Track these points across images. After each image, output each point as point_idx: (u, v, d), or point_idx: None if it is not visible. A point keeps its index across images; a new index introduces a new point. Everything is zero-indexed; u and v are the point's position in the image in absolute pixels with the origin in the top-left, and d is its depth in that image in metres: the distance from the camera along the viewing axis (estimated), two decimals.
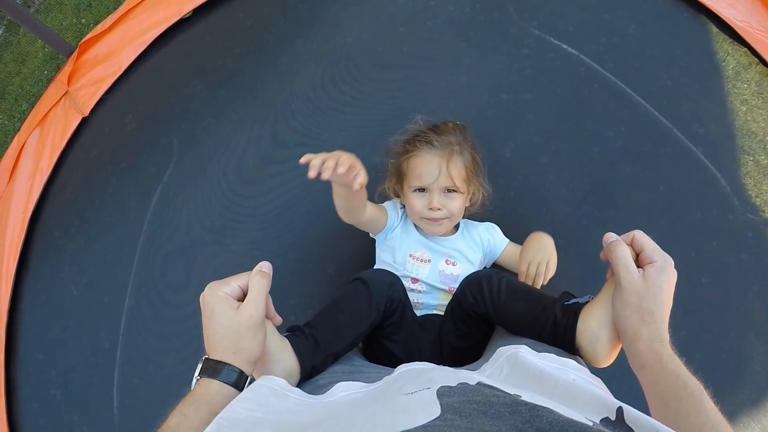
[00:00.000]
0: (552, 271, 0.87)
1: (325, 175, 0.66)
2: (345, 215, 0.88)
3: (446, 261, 0.92)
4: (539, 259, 0.87)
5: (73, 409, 1.22)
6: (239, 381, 0.52)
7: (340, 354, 0.73)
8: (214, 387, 0.51)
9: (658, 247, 0.58)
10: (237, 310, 0.54)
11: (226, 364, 0.52)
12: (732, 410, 1.13)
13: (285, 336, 0.68)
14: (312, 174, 0.67)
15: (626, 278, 0.56)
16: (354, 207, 0.85)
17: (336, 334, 0.72)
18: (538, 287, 0.85)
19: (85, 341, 1.25)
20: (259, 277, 0.56)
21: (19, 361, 1.29)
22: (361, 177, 0.70)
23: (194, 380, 0.53)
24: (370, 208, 0.90)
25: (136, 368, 1.21)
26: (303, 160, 0.68)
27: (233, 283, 0.56)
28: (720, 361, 1.15)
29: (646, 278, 0.56)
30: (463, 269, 0.92)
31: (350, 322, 0.74)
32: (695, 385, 0.49)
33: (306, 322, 0.74)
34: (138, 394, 1.20)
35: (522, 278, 0.87)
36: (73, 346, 1.26)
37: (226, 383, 0.51)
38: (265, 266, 0.58)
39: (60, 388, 1.25)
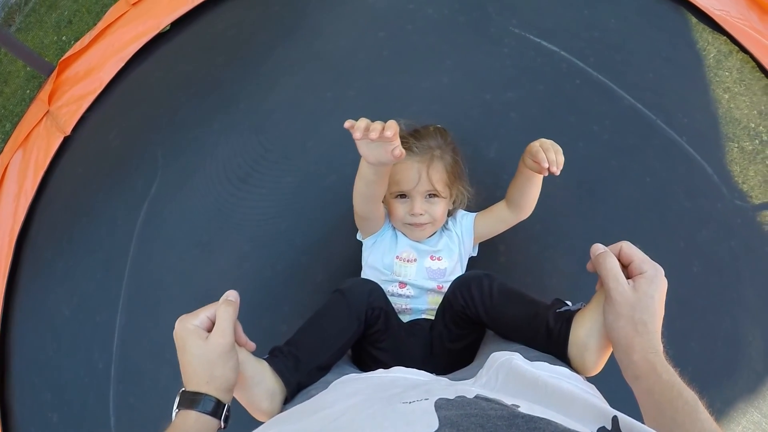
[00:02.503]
0: (562, 155, 0.80)
1: (373, 136, 0.64)
2: (363, 205, 0.86)
3: (431, 257, 0.93)
4: (549, 142, 0.81)
5: (71, 430, 1.21)
6: (216, 410, 0.53)
7: (324, 366, 0.73)
8: (192, 417, 0.52)
9: (647, 257, 0.58)
10: (206, 340, 0.55)
11: (203, 394, 0.53)
12: (731, 397, 1.13)
13: (264, 358, 0.70)
14: (358, 135, 0.65)
15: (617, 290, 0.56)
16: (376, 195, 0.83)
17: (317, 347, 0.72)
18: (555, 163, 0.78)
19: (78, 361, 1.24)
20: (225, 306, 0.58)
21: (14, 385, 1.28)
22: (401, 147, 0.69)
23: (174, 413, 0.54)
24: (382, 204, 0.90)
25: (131, 386, 1.20)
26: (347, 124, 0.66)
27: (201, 315, 0.58)
28: (716, 349, 1.15)
29: (637, 289, 0.55)
30: (448, 262, 0.93)
31: (330, 334, 0.74)
32: (690, 395, 0.49)
33: (287, 340, 0.74)
34: (134, 411, 1.18)
35: (538, 155, 0.79)
36: (66, 366, 1.25)
37: (203, 413, 0.52)
38: (231, 295, 0.60)
39: (56, 410, 1.24)
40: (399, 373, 0.62)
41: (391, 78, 1.20)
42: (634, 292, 0.55)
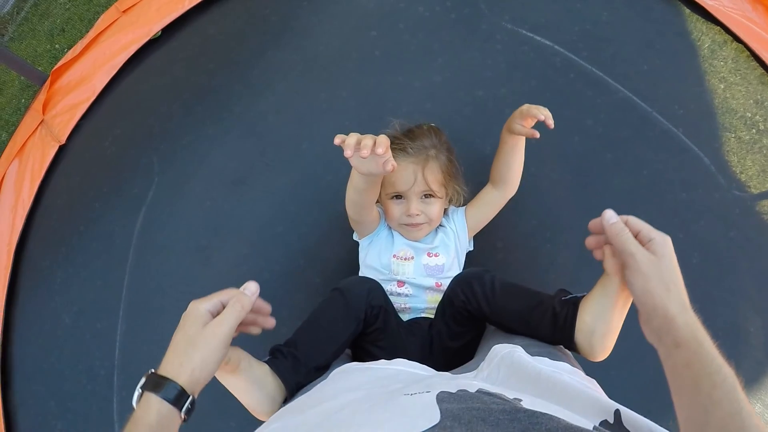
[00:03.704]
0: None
1: (365, 153, 0.63)
2: (355, 210, 0.86)
3: (428, 254, 0.92)
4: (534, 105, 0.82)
5: None
6: (179, 399, 0.50)
7: (323, 366, 0.73)
8: (154, 407, 0.49)
9: (653, 228, 0.59)
10: (204, 325, 0.53)
11: (169, 379, 0.50)
12: None
13: (265, 360, 0.70)
14: (348, 153, 0.63)
15: (639, 253, 0.55)
16: (367, 202, 0.83)
17: (315, 347, 0.73)
18: (550, 117, 0.79)
19: (81, 369, 1.24)
20: (236, 300, 0.56)
21: (17, 395, 1.28)
22: (393, 160, 0.68)
23: (136, 393, 0.51)
24: (376, 207, 0.90)
25: (133, 392, 1.20)
26: (337, 140, 0.65)
27: (215, 299, 0.56)
28: (717, 340, 1.13)
29: (655, 252, 0.55)
30: (446, 258, 0.93)
31: (328, 333, 0.75)
32: (729, 372, 0.47)
33: (286, 340, 0.74)
34: None
35: (531, 111, 0.81)
36: (69, 375, 1.26)
37: (165, 400, 0.49)
38: (249, 289, 0.58)
39: (60, 419, 1.24)
40: (401, 365, 0.62)
41: (384, 77, 1.19)
42: (653, 254, 0.55)
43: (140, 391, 0.51)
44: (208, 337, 0.53)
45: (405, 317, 0.91)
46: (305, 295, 1.13)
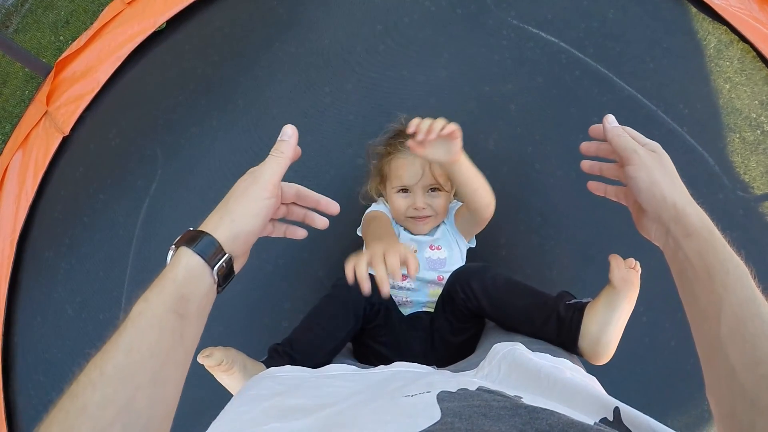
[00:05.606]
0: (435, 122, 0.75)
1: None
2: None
3: (431, 247, 0.93)
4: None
5: None
6: (213, 256, 0.44)
7: (320, 363, 0.73)
8: (183, 260, 0.43)
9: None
10: (247, 178, 0.49)
11: (204, 232, 0.45)
12: None
13: (262, 360, 0.70)
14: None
15: (641, 149, 0.55)
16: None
17: (312, 345, 0.73)
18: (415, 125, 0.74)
19: (83, 360, 1.24)
20: (274, 148, 0.51)
21: (19, 385, 1.28)
22: (388, 289, 0.61)
23: (170, 253, 0.45)
24: (390, 217, 0.92)
25: None
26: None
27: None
28: None
29: (654, 150, 0.55)
30: (447, 252, 0.93)
31: (326, 331, 0.75)
32: (740, 261, 0.45)
33: (284, 338, 0.75)
34: None
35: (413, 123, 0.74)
36: (72, 365, 1.26)
37: (195, 253, 0.43)
38: (286, 132, 0.52)
39: None
40: (400, 367, 0.62)
41: (389, 72, 1.19)
42: (653, 152, 0.55)
43: (174, 248, 0.45)
44: (248, 186, 0.48)
45: (406, 311, 0.91)
46: (309, 288, 1.13)
